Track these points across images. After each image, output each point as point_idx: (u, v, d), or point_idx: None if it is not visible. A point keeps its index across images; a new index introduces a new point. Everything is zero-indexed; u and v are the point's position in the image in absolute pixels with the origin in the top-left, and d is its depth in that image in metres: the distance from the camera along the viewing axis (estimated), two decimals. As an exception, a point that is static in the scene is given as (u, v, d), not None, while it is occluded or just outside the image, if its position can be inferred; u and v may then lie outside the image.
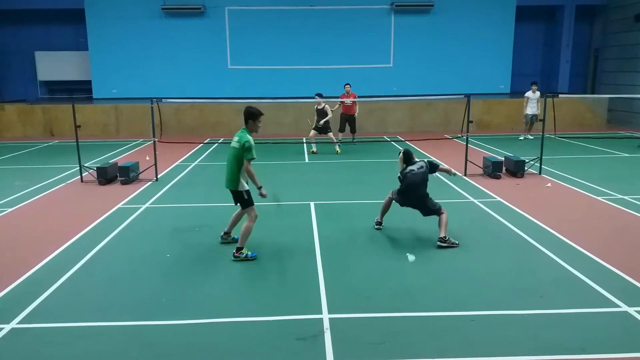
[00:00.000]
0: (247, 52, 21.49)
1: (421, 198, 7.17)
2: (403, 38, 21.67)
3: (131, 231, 7.73)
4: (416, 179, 7.07)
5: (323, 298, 5.37)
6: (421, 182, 7.12)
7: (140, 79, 21.37)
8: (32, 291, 5.57)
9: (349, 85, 15.43)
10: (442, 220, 7.02)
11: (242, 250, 6.52)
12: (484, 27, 21.72)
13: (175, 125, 17.88)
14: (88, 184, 10.75)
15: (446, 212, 7.10)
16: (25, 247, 7.05)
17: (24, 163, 13.51)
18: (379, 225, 7.67)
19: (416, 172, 7.10)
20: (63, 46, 22.55)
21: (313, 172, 12.21)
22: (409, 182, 7.10)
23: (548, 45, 23.55)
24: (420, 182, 7.11)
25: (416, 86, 21.04)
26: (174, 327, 4.86)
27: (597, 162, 13.03)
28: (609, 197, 9.26)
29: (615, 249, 6.70)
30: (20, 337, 4.69)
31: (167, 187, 10.48)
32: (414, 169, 7.14)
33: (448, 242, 6.88)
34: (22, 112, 18.82)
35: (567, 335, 4.63)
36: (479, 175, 11.24)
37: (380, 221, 7.68)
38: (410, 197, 7.23)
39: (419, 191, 7.14)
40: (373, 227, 7.66)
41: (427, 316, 5.02)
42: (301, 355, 4.33)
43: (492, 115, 19.12)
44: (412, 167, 7.17)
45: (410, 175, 7.10)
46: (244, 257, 6.50)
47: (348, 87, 15.33)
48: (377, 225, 7.68)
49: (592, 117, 19.70)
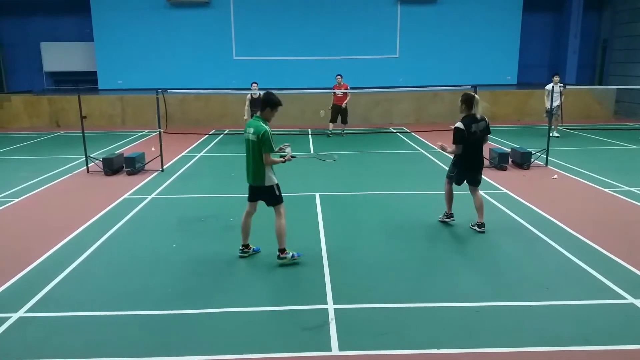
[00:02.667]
0: (253, 43, 21.44)
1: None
2: (409, 29, 21.55)
3: (137, 222, 7.75)
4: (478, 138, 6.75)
5: (328, 288, 5.38)
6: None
7: (146, 70, 21.38)
8: (38, 281, 5.61)
9: (341, 76, 15.36)
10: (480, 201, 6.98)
11: (286, 252, 6.05)
12: (491, 18, 21.56)
13: (181, 117, 17.88)
14: (94, 175, 10.79)
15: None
16: (32, 237, 7.09)
17: (30, 154, 13.57)
18: (450, 217, 7.35)
19: (479, 135, 6.73)
20: (68, 37, 22.58)
21: (318, 163, 12.17)
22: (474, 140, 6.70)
23: (555, 36, 23.36)
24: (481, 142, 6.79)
25: (422, 77, 20.94)
26: (179, 316, 4.88)
27: (604, 154, 12.94)
28: (616, 189, 9.21)
29: (622, 241, 6.67)
30: (27, 326, 4.72)
31: (173, 178, 10.50)
32: (477, 131, 6.67)
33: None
34: (28, 103, 18.88)
35: (572, 326, 4.62)
36: (485, 166, 11.14)
37: (451, 213, 7.33)
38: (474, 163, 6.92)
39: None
40: (438, 220, 7.45)
41: (431, 307, 5.01)
42: (307, 345, 4.34)
43: (499, 106, 19.01)
44: (474, 127, 6.66)
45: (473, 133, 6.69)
46: (290, 258, 6.03)
47: (339, 78, 15.27)
48: (448, 218, 7.34)
49: (599, 108, 19.56)
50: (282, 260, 6.04)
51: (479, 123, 6.71)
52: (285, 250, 6.05)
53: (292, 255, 6.07)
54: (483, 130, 6.77)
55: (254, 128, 5.81)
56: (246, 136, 5.95)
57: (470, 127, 6.67)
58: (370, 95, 18.60)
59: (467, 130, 6.65)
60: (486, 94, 18.45)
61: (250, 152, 5.92)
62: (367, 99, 18.76)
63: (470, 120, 6.70)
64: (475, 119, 6.70)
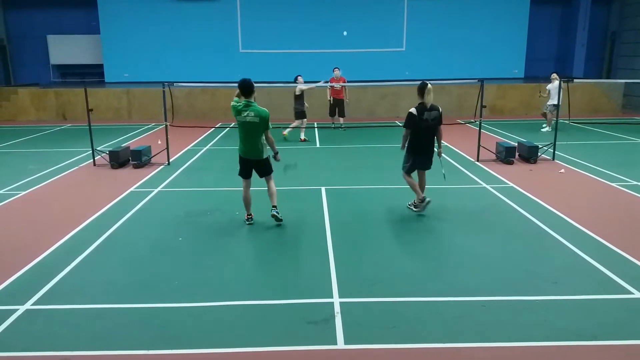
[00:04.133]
0: (259, 36, 21.38)
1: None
2: (416, 21, 21.42)
3: (143, 215, 7.77)
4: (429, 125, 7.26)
5: (334, 282, 5.38)
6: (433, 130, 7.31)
7: (152, 63, 21.38)
8: (45, 273, 5.64)
9: (338, 69, 15.22)
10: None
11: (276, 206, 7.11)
12: (498, 10, 21.39)
13: (187, 110, 17.88)
14: (100, 168, 10.82)
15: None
16: (39, 230, 7.12)
17: (37, 147, 13.62)
18: (423, 201, 7.45)
19: (430, 123, 7.22)
20: (75, 30, 22.58)
21: (324, 157, 12.19)
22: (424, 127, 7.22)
23: (563, 29, 23.16)
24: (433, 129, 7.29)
25: (429, 70, 20.80)
26: (185, 309, 4.90)
27: (611, 148, 12.86)
28: (623, 184, 9.15)
29: (629, 236, 6.63)
30: (34, 318, 4.75)
31: (179, 171, 10.52)
32: (428, 118, 7.19)
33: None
34: (35, 95, 18.94)
35: (579, 321, 4.60)
36: (492, 160, 11.15)
37: (423, 197, 7.46)
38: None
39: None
40: (406, 208, 7.71)
41: (437, 301, 5.01)
42: (312, 339, 4.35)
43: (506, 100, 18.91)
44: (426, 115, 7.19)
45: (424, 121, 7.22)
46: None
47: (337, 71, 15.11)
48: (422, 202, 7.45)
49: (607, 102, 19.41)
50: (279, 214, 7.05)
51: (431, 112, 7.24)
52: (276, 206, 7.10)
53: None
54: (434, 119, 7.24)
55: (254, 111, 6.75)
56: (243, 119, 6.80)
57: (423, 114, 7.21)
58: (377, 88, 18.51)
59: (418, 116, 7.20)
60: (493, 88, 18.37)
61: (251, 132, 6.84)
62: (373, 93, 18.69)
63: (423, 108, 7.23)
64: (427, 108, 7.23)
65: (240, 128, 6.91)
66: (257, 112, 6.75)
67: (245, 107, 6.79)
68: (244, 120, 6.81)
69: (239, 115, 6.83)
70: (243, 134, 6.93)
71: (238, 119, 6.87)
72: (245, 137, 6.92)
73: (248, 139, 6.90)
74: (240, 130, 6.92)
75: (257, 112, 6.75)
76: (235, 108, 6.93)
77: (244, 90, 6.88)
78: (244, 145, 6.97)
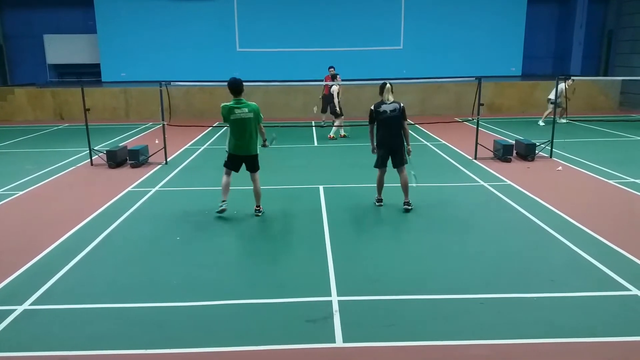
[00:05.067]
0: (256, 34, 21.38)
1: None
2: (413, 19, 21.44)
3: (141, 214, 7.76)
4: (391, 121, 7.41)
5: (332, 281, 5.37)
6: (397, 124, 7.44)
7: (149, 62, 21.37)
8: (43, 273, 5.63)
9: (333, 68, 15.07)
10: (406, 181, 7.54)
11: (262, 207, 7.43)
12: (496, 8, 21.43)
13: (185, 109, 17.87)
14: (98, 167, 10.80)
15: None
16: (37, 230, 7.11)
17: (35, 146, 13.59)
18: (380, 202, 7.88)
19: (389, 114, 7.38)
20: (72, 29, 22.56)
21: (322, 155, 12.19)
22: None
23: (561, 27, 23.21)
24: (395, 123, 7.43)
25: (427, 68, 20.85)
26: (184, 308, 4.89)
27: (609, 145, 12.88)
28: (621, 181, 9.17)
29: (627, 233, 6.64)
30: (32, 318, 4.74)
31: (177, 171, 10.50)
32: (386, 110, 7.38)
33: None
34: (31, 95, 18.89)
35: (577, 318, 4.61)
36: (490, 158, 11.16)
37: (380, 198, 7.89)
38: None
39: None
40: (374, 206, 7.85)
41: (436, 299, 5.01)
42: (311, 337, 4.34)
43: (503, 98, 18.93)
44: (385, 107, 7.40)
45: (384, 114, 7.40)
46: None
47: (332, 70, 15.00)
48: (378, 202, 7.87)
49: (604, 99, 19.45)
50: (261, 214, 7.35)
51: (389, 105, 7.43)
52: (261, 206, 7.42)
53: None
54: (393, 111, 7.38)
55: (248, 108, 7.09)
56: (237, 117, 7.07)
57: (380, 107, 7.42)
58: (374, 87, 18.41)
59: (375, 110, 7.44)
60: (491, 86, 18.38)
61: (247, 128, 7.12)
62: (371, 91, 18.62)
63: (380, 103, 7.48)
64: (385, 102, 7.45)
65: (234, 126, 7.13)
66: (250, 108, 7.09)
67: (238, 105, 7.08)
68: (238, 118, 7.06)
69: (233, 113, 7.06)
70: (238, 132, 7.14)
71: (232, 118, 7.08)
72: (241, 134, 7.14)
73: (244, 135, 7.14)
74: (235, 129, 7.14)
75: (250, 108, 7.09)
76: (226, 108, 7.09)
77: (234, 88, 7.10)
78: (239, 141, 7.19)
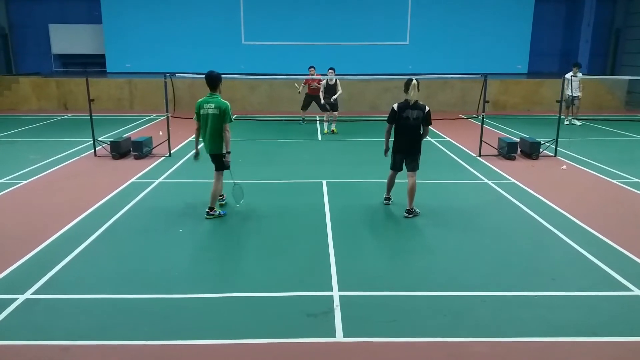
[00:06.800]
0: (261, 28, 21.33)
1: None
2: (420, 15, 21.35)
3: (144, 206, 7.77)
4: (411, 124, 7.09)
5: (334, 275, 5.37)
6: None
7: (154, 53, 21.34)
8: (45, 263, 5.64)
9: (314, 68, 14.92)
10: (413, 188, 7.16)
11: (214, 209, 7.07)
12: (503, 5, 21.31)
13: (189, 101, 17.62)
14: (101, 158, 10.81)
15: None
16: (39, 219, 7.12)
17: (39, 136, 13.60)
18: (388, 200, 7.75)
19: (412, 122, 7.05)
20: (77, 19, 22.53)
21: (326, 150, 12.17)
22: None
23: (568, 24, 23.06)
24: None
25: (432, 65, 20.77)
26: (185, 300, 4.90)
27: (614, 145, 12.82)
28: (625, 181, 9.13)
29: (630, 233, 6.62)
30: (33, 307, 4.75)
31: (180, 163, 10.50)
32: (409, 117, 7.02)
33: (414, 213, 7.18)
34: (36, 85, 18.90)
35: (578, 318, 4.59)
36: (494, 156, 11.12)
37: (389, 196, 7.75)
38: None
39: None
40: (382, 204, 7.73)
41: (437, 296, 5.00)
42: (311, 332, 4.35)
43: (509, 95, 18.85)
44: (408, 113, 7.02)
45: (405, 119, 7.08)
46: (217, 215, 7.06)
47: (312, 70, 14.86)
48: (386, 201, 7.76)
49: (611, 98, 19.34)
50: (210, 217, 7.03)
51: (414, 111, 7.04)
52: (214, 208, 7.06)
53: (219, 213, 7.10)
54: (417, 119, 7.06)
55: (215, 103, 6.83)
56: (205, 112, 6.87)
57: (404, 111, 7.06)
58: (379, 82, 18.46)
59: (399, 113, 7.07)
60: (496, 83, 18.31)
61: (210, 124, 6.86)
62: (376, 86, 18.64)
63: (405, 105, 7.08)
64: (410, 105, 7.05)
65: (202, 121, 6.98)
66: (216, 104, 6.83)
67: (208, 100, 6.91)
68: (205, 113, 6.88)
69: (202, 108, 6.91)
70: (203, 127, 6.99)
71: (201, 112, 6.93)
72: (204, 130, 6.97)
73: (211, 131, 6.92)
74: (202, 124, 6.99)
75: (217, 104, 6.83)
76: (198, 103, 6.99)
77: (208, 82, 6.95)
78: (204, 138, 7.05)
